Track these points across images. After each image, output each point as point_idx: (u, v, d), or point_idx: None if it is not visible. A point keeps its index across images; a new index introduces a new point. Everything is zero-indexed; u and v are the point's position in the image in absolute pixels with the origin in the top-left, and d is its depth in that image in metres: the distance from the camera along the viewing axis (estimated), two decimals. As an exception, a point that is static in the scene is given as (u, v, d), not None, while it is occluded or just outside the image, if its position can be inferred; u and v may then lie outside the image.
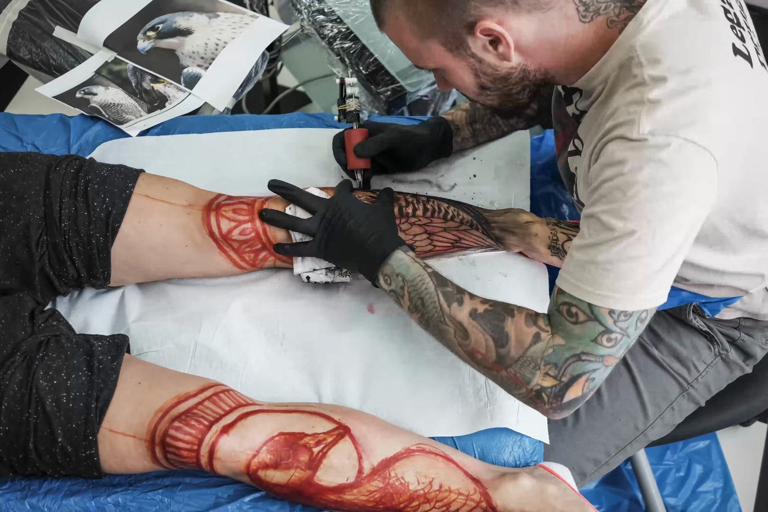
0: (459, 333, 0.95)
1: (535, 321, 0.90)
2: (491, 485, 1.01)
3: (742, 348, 1.20)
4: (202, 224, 1.09)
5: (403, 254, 1.02)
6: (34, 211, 1.05)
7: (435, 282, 0.98)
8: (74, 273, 1.08)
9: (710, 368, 1.21)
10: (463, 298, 0.95)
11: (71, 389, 0.94)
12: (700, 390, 1.22)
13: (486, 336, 0.92)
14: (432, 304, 0.97)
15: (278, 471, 0.95)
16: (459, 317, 0.94)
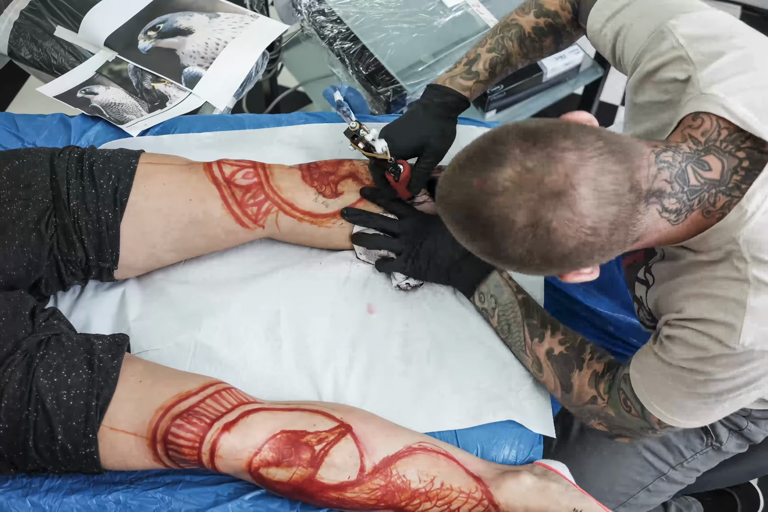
0: (535, 366, 1.07)
1: (597, 384, 1.00)
2: (493, 483, 1.02)
3: (745, 437, 1.18)
4: (205, 173, 1.11)
5: (498, 276, 1.11)
6: (42, 196, 1.05)
7: (523, 312, 1.08)
8: (83, 257, 1.08)
9: (699, 455, 1.20)
10: (545, 335, 1.06)
11: (71, 387, 0.94)
12: (684, 472, 1.20)
13: (556, 379, 1.04)
14: (517, 333, 1.08)
15: (280, 469, 0.95)
16: (538, 352, 1.06)
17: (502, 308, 1.09)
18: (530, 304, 1.09)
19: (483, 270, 1.11)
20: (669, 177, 0.79)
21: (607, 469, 1.19)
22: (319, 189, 1.14)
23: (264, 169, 1.13)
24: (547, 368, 1.05)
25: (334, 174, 1.15)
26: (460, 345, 1.12)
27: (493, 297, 1.10)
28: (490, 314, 1.11)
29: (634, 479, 1.20)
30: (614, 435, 1.02)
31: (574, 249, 0.75)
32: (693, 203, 0.80)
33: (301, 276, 1.16)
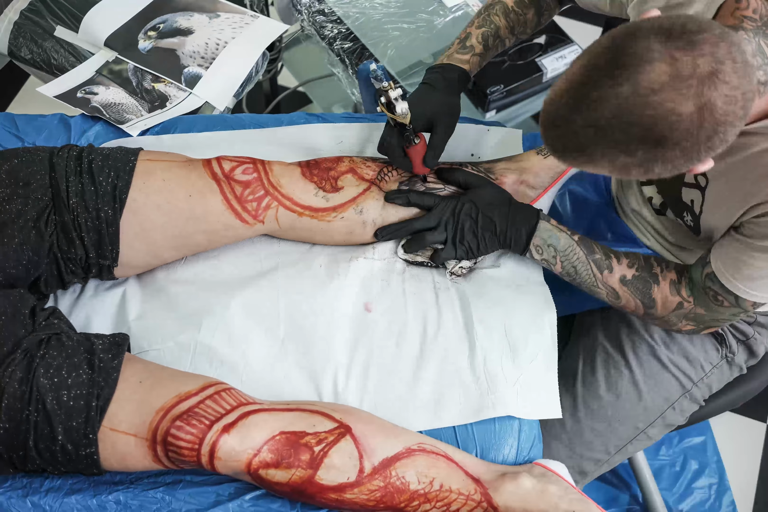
0: (611, 295, 1.10)
1: (679, 291, 1.07)
2: (492, 485, 1.02)
3: (750, 347, 1.22)
4: (204, 169, 1.11)
5: (547, 224, 1.12)
6: (42, 194, 1.05)
7: (585, 250, 1.10)
8: (82, 255, 1.08)
9: (715, 369, 1.23)
10: (612, 265, 1.09)
11: (72, 387, 0.94)
12: (703, 389, 1.24)
13: (636, 300, 1.09)
14: (585, 272, 1.10)
15: (279, 470, 0.95)
16: (611, 282, 1.09)
17: (563, 253, 1.10)
18: (588, 241, 1.11)
19: (529, 225, 1.11)
20: (752, 51, 0.82)
21: (639, 390, 1.22)
22: (319, 184, 1.14)
23: (263, 165, 1.13)
24: (625, 293, 1.09)
25: (334, 169, 1.15)
26: (459, 341, 1.12)
27: (551, 247, 1.11)
28: (552, 263, 1.12)
29: (664, 396, 1.23)
30: (703, 328, 1.09)
31: (732, 125, 0.77)
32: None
33: (301, 275, 1.16)
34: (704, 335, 1.21)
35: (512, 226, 1.11)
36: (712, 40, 0.75)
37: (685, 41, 0.75)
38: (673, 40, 0.75)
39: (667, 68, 0.74)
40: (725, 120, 0.76)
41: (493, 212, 1.12)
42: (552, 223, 1.12)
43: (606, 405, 1.21)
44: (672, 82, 0.74)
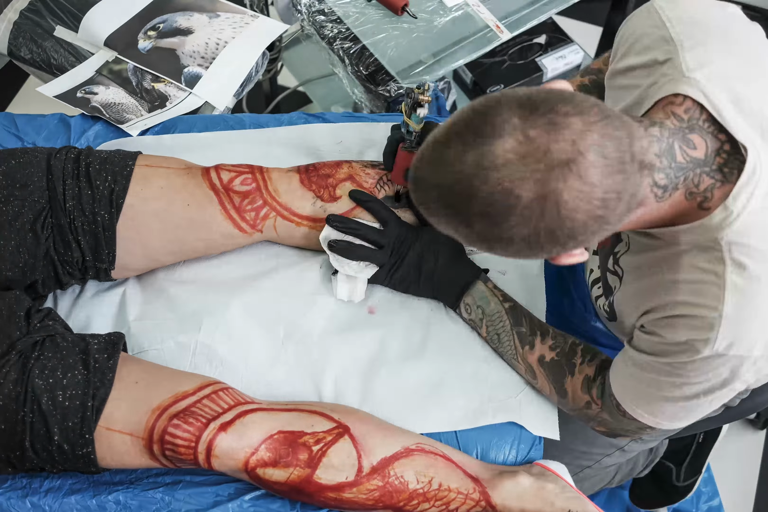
0: (529, 373, 1.07)
1: (589, 389, 1.00)
2: (490, 484, 1.02)
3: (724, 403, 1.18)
4: (202, 179, 1.10)
5: (483, 285, 1.10)
6: (38, 196, 1.05)
7: (511, 321, 1.07)
8: (79, 257, 1.08)
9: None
10: (534, 342, 1.05)
11: (67, 387, 0.94)
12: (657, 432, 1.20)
13: (550, 385, 1.05)
14: (508, 342, 1.08)
15: (277, 469, 0.95)
16: (530, 360, 1.06)
17: (490, 318, 1.08)
18: (518, 312, 1.08)
19: (466, 282, 1.10)
20: (658, 151, 0.76)
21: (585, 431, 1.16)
22: (317, 192, 1.13)
23: (262, 174, 1.13)
24: (541, 375, 1.05)
25: (333, 176, 1.14)
26: (461, 347, 1.12)
27: (480, 308, 1.09)
28: (477, 325, 1.10)
29: (611, 442, 1.22)
30: (615, 435, 1.02)
31: (582, 224, 0.69)
32: (678, 181, 0.77)
33: (301, 276, 1.16)
34: None
35: (449, 278, 1.10)
36: (578, 126, 0.68)
37: (547, 120, 0.68)
38: (536, 117, 0.68)
39: (516, 146, 0.67)
40: (573, 216, 0.68)
41: (438, 257, 1.10)
42: (489, 285, 1.10)
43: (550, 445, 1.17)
44: (518, 161, 0.67)
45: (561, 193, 0.67)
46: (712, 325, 0.79)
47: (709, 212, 0.78)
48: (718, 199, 0.78)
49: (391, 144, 1.11)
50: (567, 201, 0.68)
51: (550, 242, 0.71)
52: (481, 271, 1.12)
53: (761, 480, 1.82)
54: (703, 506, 1.70)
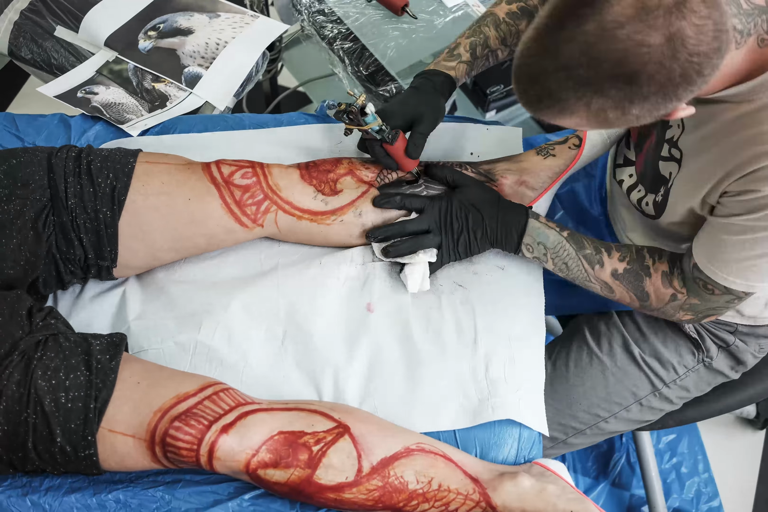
0: (605, 289, 1.10)
1: (671, 282, 1.05)
2: (490, 485, 1.02)
3: (734, 354, 1.22)
4: (203, 173, 1.11)
5: (536, 222, 1.11)
6: (40, 195, 1.05)
7: (575, 247, 1.10)
8: (81, 255, 1.08)
9: (691, 372, 1.23)
10: (603, 259, 1.09)
11: (70, 389, 0.94)
12: (676, 390, 1.24)
13: (629, 293, 1.08)
14: (577, 268, 1.10)
15: (278, 470, 0.95)
16: (603, 277, 1.09)
17: (554, 251, 1.10)
18: (577, 237, 1.11)
19: (520, 225, 1.11)
20: None
21: (606, 378, 1.22)
22: (318, 187, 1.14)
23: (262, 168, 1.13)
24: (618, 287, 1.09)
25: (333, 172, 1.15)
26: (460, 344, 1.12)
27: (541, 244, 1.11)
28: (543, 260, 1.12)
29: (630, 390, 1.23)
30: (702, 317, 1.08)
31: (706, 56, 0.74)
32: (750, 27, 0.81)
33: (301, 276, 1.16)
34: (680, 339, 1.21)
35: (502, 226, 1.11)
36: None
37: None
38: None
39: (632, 1, 0.73)
40: (698, 50, 0.74)
41: (482, 212, 1.11)
42: (541, 220, 1.11)
43: (570, 388, 1.22)
44: (638, 14, 0.72)
45: (684, 31, 0.73)
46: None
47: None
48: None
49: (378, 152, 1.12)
50: (690, 36, 0.73)
51: (683, 84, 0.76)
52: (527, 209, 1.13)
53: (761, 481, 1.82)
54: (703, 506, 1.71)
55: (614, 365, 1.22)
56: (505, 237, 1.12)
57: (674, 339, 1.22)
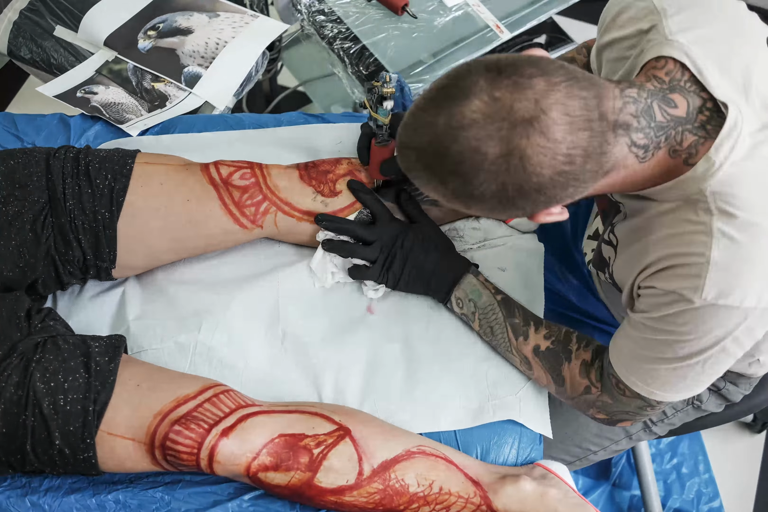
0: (524, 365, 1.07)
1: (588, 373, 1.01)
2: (491, 488, 1.01)
3: (724, 396, 1.21)
4: (202, 175, 1.10)
5: (473, 279, 1.10)
6: (38, 196, 1.05)
7: (504, 313, 1.07)
8: (80, 256, 1.07)
9: (679, 413, 1.23)
10: (528, 332, 1.05)
11: (68, 391, 0.93)
12: (663, 427, 1.24)
13: (547, 374, 1.04)
14: (501, 334, 1.07)
15: (278, 473, 0.95)
16: (524, 351, 1.06)
17: (482, 311, 1.08)
18: (510, 303, 1.08)
19: (456, 275, 1.10)
20: (635, 111, 0.78)
21: None
22: (317, 188, 1.13)
23: (261, 169, 1.13)
24: (537, 365, 1.05)
25: (332, 172, 1.15)
26: (460, 345, 1.12)
27: (472, 301, 1.09)
28: (470, 319, 1.10)
29: (623, 428, 1.23)
30: (615, 421, 1.03)
31: (549, 179, 0.73)
32: (660, 140, 0.79)
33: (301, 276, 1.16)
34: None
35: (439, 273, 1.10)
36: (542, 86, 0.72)
37: (511, 82, 0.72)
38: (501, 79, 0.72)
39: (482, 106, 0.72)
40: (538, 171, 0.72)
41: (428, 253, 1.10)
42: (480, 279, 1.10)
43: (564, 424, 1.21)
44: (483, 120, 0.72)
45: (525, 149, 0.71)
46: (700, 273, 0.80)
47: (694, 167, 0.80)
48: (703, 154, 0.80)
49: (363, 139, 1.12)
50: (531, 156, 0.72)
51: (520, 197, 0.75)
52: (471, 265, 1.12)
53: (761, 482, 1.82)
54: (703, 507, 1.71)
55: None
56: (437, 283, 1.10)
57: None
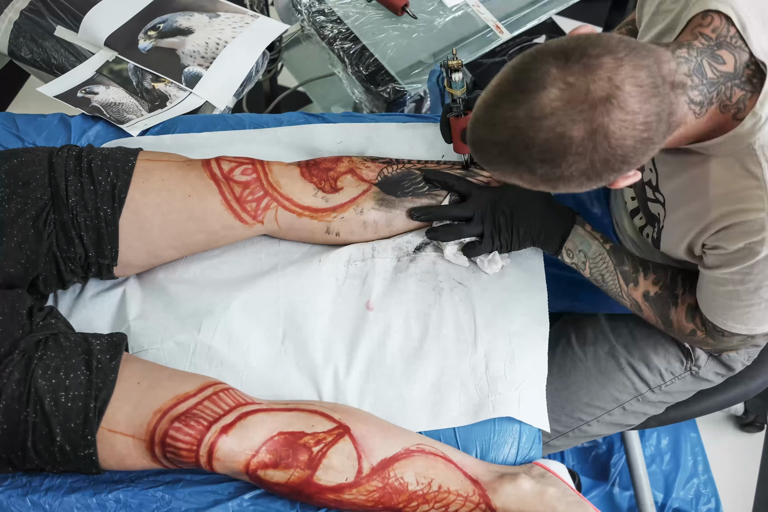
0: (635, 307, 1.12)
1: (693, 318, 1.07)
2: (490, 487, 1.02)
3: (724, 362, 1.23)
4: (203, 170, 1.11)
5: (581, 229, 1.12)
6: (41, 193, 1.06)
7: (614, 261, 1.11)
8: (82, 254, 1.08)
9: (677, 379, 1.24)
10: (638, 279, 1.10)
11: (70, 388, 0.94)
12: (660, 395, 1.25)
13: (656, 316, 1.11)
14: (612, 282, 1.11)
15: (278, 471, 0.95)
16: (635, 296, 1.10)
17: (593, 261, 1.11)
18: (619, 252, 1.11)
19: (564, 229, 1.12)
20: (688, 71, 0.82)
21: (589, 383, 1.24)
22: (318, 184, 1.14)
23: (263, 166, 1.14)
24: (647, 309, 1.10)
25: (333, 170, 1.15)
26: (460, 342, 1.12)
27: (582, 252, 1.11)
28: (581, 267, 1.13)
29: (614, 395, 1.24)
30: (721, 352, 1.13)
31: (632, 148, 0.78)
32: (712, 96, 0.83)
33: (301, 275, 1.16)
34: (670, 346, 1.22)
35: (547, 227, 1.12)
36: (611, 64, 0.75)
37: (581, 65, 0.76)
38: (571, 64, 0.76)
39: (559, 93, 0.76)
40: (622, 143, 0.77)
41: (530, 209, 1.11)
42: (587, 228, 1.12)
43: (553, 392, 1.22)
44: (564, 107, 0.76)
45: (608, 126, 0.76)
46: (763, 226, 0.87)
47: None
48: (750, 108, 0.84)
49: (442, 118, 1.14)
50: (614, 131, 0.76)
51: (607, 171, 0.79)
52: (575, 214, 1.13)
53: (761, 482, 1.82)
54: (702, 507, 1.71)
55: (598, 371, 1.23)
56: (547, 238, 1.12)
57: (665, 346, 1.22)
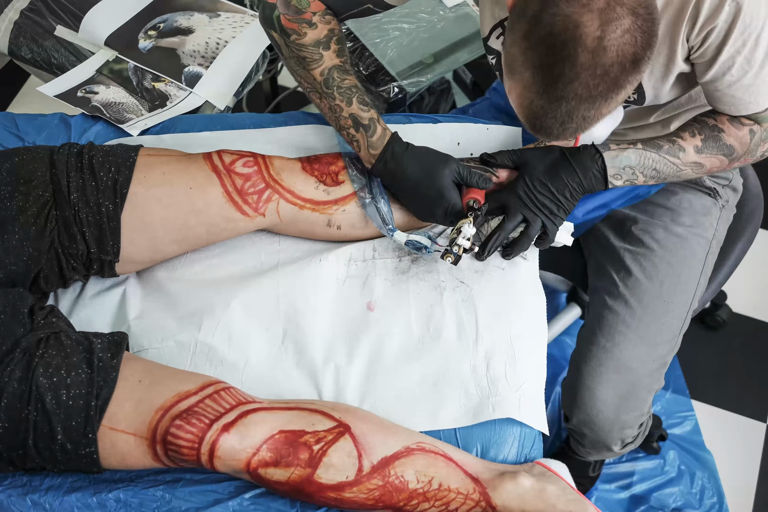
0: (696, 169, 1.14)
1: (741, 122, 1.11)
2: (490, 484, 1.02)
3: (733, 187, 1.36)
4: (204, 162, 1.11)
5: (610, 152, 1.12)
6: (42, 190, 1.06)
7: (653, 150, 1.12)
8: (84, 250, 1.08)
9: (719, 222, 1.35)
10: (682, 145, 1.12)
11: (71, 387, 0.94)
12: (714, 246, 1.35)
13: (718, 157, 1.13)
14: (665, 167, 1.13)
15: (278, 469, 0.95)
16: (690, 160, 1.13)
17: (641, 166, 1.12)
18: (649, 141, 1.13)
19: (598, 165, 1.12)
20: None
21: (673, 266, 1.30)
22: (320, 178, 1.14)
23: (264, 159, 1.14)
24: (707, 158, 1.12)
25: (335, 164, 1.15)
26: (461, 343, 1.12)
27: (627, 168, 1.12)
28: (633, 179, 1.14)
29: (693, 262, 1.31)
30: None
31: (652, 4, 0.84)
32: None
33: (301, 274, 1.16)
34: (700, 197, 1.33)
35: (584, 175, 1.12)
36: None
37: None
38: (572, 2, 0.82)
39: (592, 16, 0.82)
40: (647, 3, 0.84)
41: (560, 173, 1.11)
42: (612, 147, 1.12)
43: (655, 294, 1.28)
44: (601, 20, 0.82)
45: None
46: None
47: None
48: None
49: None
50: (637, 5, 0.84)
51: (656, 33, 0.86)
52: (595, 147, 1.13)
53: (761, 481, 1.82)
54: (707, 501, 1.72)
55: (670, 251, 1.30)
56: (591, 181, 1.12)
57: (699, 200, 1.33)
